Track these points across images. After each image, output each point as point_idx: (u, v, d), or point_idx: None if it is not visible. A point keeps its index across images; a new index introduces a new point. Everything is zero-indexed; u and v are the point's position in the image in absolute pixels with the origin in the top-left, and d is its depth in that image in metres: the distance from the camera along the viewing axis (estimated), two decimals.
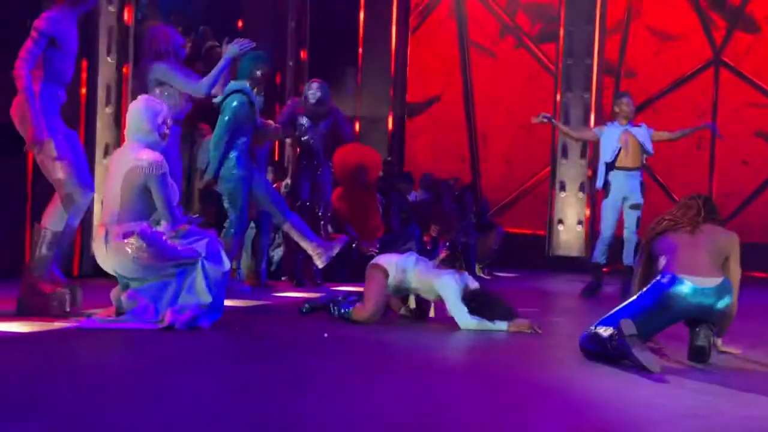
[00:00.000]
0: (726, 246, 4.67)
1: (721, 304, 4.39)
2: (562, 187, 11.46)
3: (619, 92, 8.56)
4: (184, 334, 4.59)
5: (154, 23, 7.78)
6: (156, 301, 4.70)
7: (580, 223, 11.09)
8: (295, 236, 6.60)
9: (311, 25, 10.46)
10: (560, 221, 11.33)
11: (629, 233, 7.94)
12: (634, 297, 4.52)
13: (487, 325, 5.10)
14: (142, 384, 3.43)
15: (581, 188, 11.30)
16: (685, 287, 4.33)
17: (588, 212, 11.21)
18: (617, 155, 7.80)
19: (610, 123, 8.19)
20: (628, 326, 4.05)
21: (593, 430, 3.01)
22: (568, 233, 10.82)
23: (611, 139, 7.97)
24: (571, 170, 11.33)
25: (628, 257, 7.85)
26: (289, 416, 2.94)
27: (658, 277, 4.44)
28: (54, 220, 5.03)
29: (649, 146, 7.90)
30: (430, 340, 5.15)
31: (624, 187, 7.86)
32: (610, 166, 7.64)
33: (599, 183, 8.13)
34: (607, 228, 7.72)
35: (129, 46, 7.45)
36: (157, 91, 5.94)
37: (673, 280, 4.35)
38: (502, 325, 5.13)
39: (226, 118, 6.37)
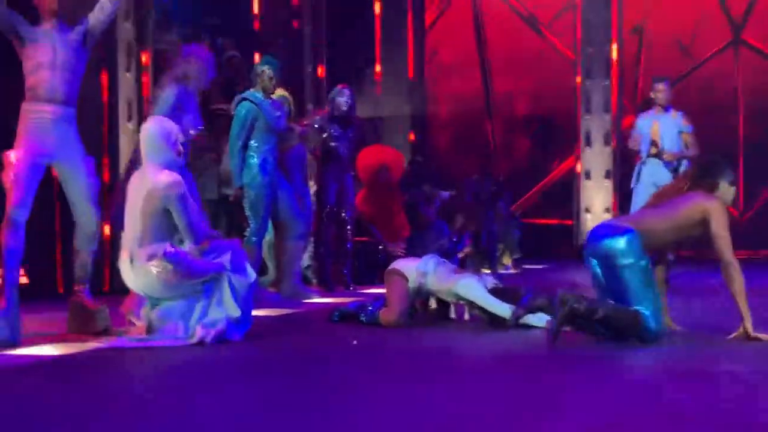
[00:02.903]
0: (692, 213, 4.37)
1: (623, 260, 4.18)
2: (588, 176, 11.33)
3: (655, 77, 8.04)
4: (215, 349, 4.50)
5: (171, 38, 7.78)
6: (185, 318, 4.62)
7: (607, 210, 10.98)
8: (286, 256, 6.45)
9: (327, 28, 10.44)
10: (587, 210, 11.19)
11: None
12: None
13: (529, 318, 4.90)
14: (175, 402, 3.33)
15: (607, 176, 11.27)
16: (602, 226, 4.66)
17: (614, 200, 11.07)
18: (650, 145, 7.42)
19: (643, 114, 7.73)
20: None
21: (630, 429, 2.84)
22: (596, 222, 10.66)
23: (644, 129, 7.59)
24: (597, 158, 11.27)
25: None
26: (320, 430, 2.84)
27: None
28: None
29: (675, 140, 7.27)
30: (458, 342, 5.04)
31: (655, 173, 7.34)
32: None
33: (633, 181, 7.68)
34: None
35: (148, 61, 7.56)
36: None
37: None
38: (541, 321, 4.81)
39: (234, 126, 6.50)
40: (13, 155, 4.79)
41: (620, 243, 4.28)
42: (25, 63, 4.90)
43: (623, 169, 9.58)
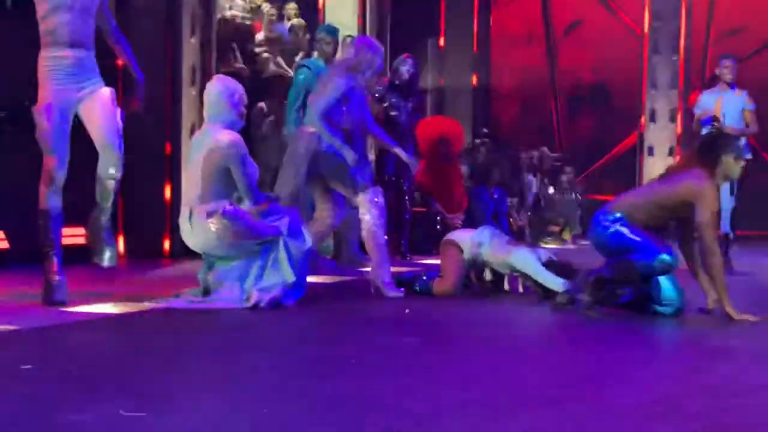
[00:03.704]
0: (681, 193, 4.41)
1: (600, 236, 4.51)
2: (651, 152, 11.13)
3: (722, 55, 7.84)
4: (269, 313, 4.58)
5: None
6: (241, 281, 4.70)
7: None
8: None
9: None
10: None
11: (723, 200, 7.24)
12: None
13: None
14: (225, 365, 3.40)
15: (670, 153, 11.22)
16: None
17: None
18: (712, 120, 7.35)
19: (708, 90, 7.60)
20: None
21: (670, 404, 2.77)
22: None
23: (708, 105, 7.48)
24: (661, 134, 11.23)
25: (724, 225, 7.33)
26: (367, 395, 2.85)
27: None
28: None
29: (737, 118, 7.10)
30: (510, 314, 5.09)
31: None
32: None
33: None
34: None
35: (212, 28, 7.61)
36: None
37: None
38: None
39: (291, 93, 6.58)
40: (42, 110, 4.58)
41: (607, 238, 4.51)
42: (39, 6, 4.67)
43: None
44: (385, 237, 5.59)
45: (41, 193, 4.60)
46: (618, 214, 4.56)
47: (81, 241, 5.86)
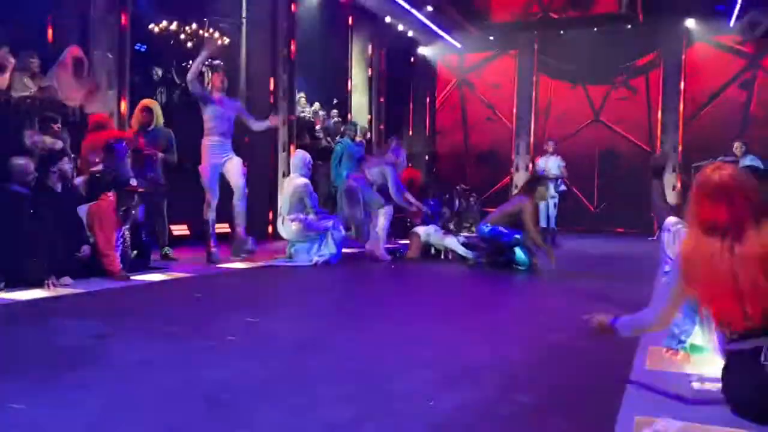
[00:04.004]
0: (514, 208, 6.97)
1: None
2: (516, 187, 14.69)
3: (547, 138, 13.04)
4: (324, 268, 6.89)
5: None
6: (308, 252, 7.17)
7: None
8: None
9: (387, 104, 14.22)
10: None
11: (549, 210, 10.85)
12: None
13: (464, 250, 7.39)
14: (298, 294, 5.41)
15: None
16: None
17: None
18: (544, 171, 10.74)
19: (542, 157, 11.45)
20: None
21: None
22: None
23: (541, 165, 11.21)
24: (521, 178, 13.77)
25: (551, 223, 10.81)
26: (370, 308, 5.12)
27: None
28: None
29: (556, 169, 11.14)
30: (442, 268, 7.26)
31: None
32: None
33: None
34: None
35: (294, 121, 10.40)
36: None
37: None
38: (469, 254, 7.42)
39: (334, 157, 9.13)
40: (202, 168, 6.84)
41: (487, 233, 7.02)
42: (204, 115, 6.80)
43: None
44: (388, 230, 7.98)
45: (204, 210, 6.87)
46: (489, 223, 7.02)
47: (227, 230, 8.02)
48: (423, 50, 15.75)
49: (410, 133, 15.53)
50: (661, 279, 3.19)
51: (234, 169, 6.86)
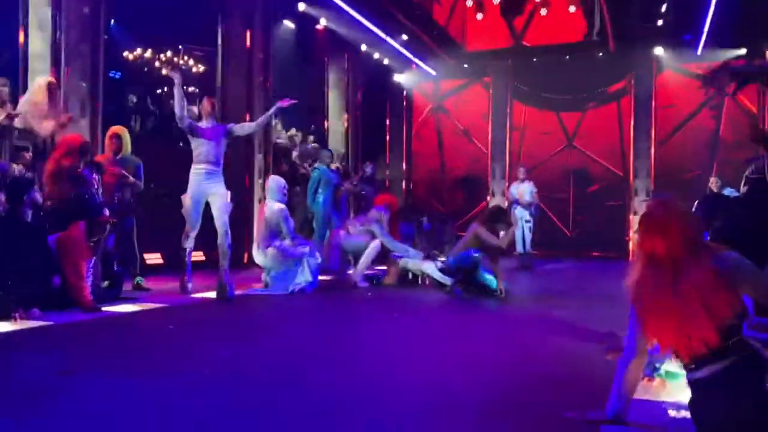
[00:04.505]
0: (472, 235, 7.20)
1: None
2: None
3: (520, 164, 12.91)
4: (300, 296, 6.87)
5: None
6: (285, 280, 7.12)
7: None
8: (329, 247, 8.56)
9: (363, 130, 14.51)
10: None
11: (524, 232, 11.23)
12: None
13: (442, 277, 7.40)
14: (274, 324, 5.43)
15: None
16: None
17: None
18: (517, 198, 11.42)
19: (514, 183, 11.79)
20: None
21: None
22: None
23: (514, 191, 11.51)
24: (496, 201, 14.60)
25: (527, 247, 11.26)
26: (347, 332, 5.28)
27: None
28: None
29: (529, 196, 11.69)
30: (420, 295, 7.33)
31: (520, 214, 11.19)
32: None
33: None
34: None
35: (270, 147, 10.50)
36: None
37: None
38: (447, 280, 7.30)
39: (311, 182, 9.18)
40: (187, 197, 6.62)
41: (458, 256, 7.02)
42: (192, 143, 6.61)
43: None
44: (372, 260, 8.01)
45: (182, 238, 6.69)
46: (452, 256, 7.13)
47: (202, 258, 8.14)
48: (398, 77, 15.95)
49: (387, 158, 15.80)
50: None
51: (219, 203, 6.63)
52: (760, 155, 5.29)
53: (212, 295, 6.57)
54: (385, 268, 8.41)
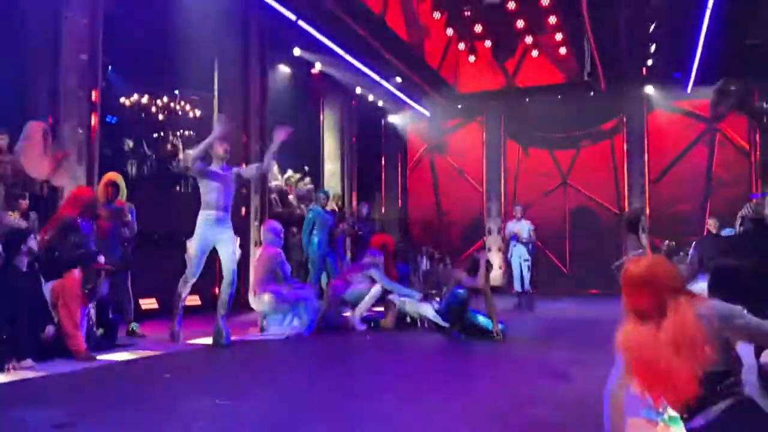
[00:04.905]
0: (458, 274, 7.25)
1: None
2: (489, 249, 15.20)
3: (516, 203, 12.89)
4: (297, 341, 6.81)
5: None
6: (281, 325, 7.09)
7: (500, 267, 12.54)
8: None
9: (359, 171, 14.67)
10: (488, 268, 15.20)
11: (523, 271, 11.28)
12: None
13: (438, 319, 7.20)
14: (270, 372, 5.25)
15: (499, 250, 12.93)
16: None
17: (504, 263, 15.06)
18: (517, 236, 11.35)
19: (510, 221, 11.57)
20: None
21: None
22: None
23: (512, 229, 11.59)
24: (494, 240, 14.11)
25: (526, 286, 11.14)
26: (346, 381, 5.07)
27: None
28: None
29: (527, 234, 11.46)
30: (417, 337, 7.32)
31: (519, 251, 11.25)
32: None
33: (509, 255, 11.08)
34: None
35: (266, 190, 10.51)
36: None
37: None
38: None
39: (306, 223, 9.14)
40: (192, 243, 6.45)
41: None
42: (202, 188, 6.45)
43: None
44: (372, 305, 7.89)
45: (180, 283, 6.51)
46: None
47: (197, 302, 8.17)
48: (393, 118, 16.13)
49: (382, 198, 15.89)
50: None
51: (227, 251, 6.49)
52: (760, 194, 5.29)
53: (208, 341, 6.51)
54: (382, 309, 8.35)
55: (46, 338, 5.28)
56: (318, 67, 12.23)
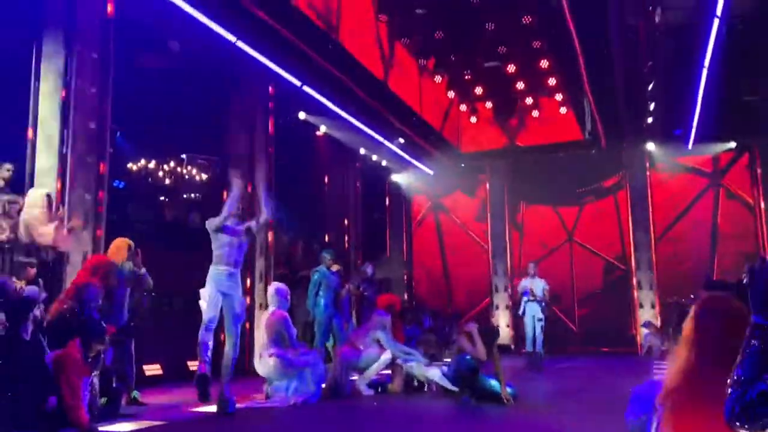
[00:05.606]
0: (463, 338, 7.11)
1: None
2: (497, 307, 14.48)
3: (529, 261, 12.41)
4: (303, 408, 6.64)
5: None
6: (287, 391, 6.91)
7: (507, 326, 12.37)
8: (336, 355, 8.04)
9: (363, 229, 14.63)
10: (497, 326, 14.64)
11: (536, 331, 10.91)
12: None
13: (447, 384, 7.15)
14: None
15: (506, 308, 12.80)
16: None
17: (511, 321, 14.66)
18: (530, 293, 11.00)
19: (524, 278, 11.42)
20: None
21: None
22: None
23: (525, 285, 11.10)
24: (501, 297, 14.73)
25: (539, 347, 10.79)
26: None
27: None
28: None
29: (541, 292, 11.23)
30: (426, 402, 7.16)
31: (533, 309, 10.84)
32: None
33: (521, 311, 10.89)
34: None
35: (271, 251, 10.51)
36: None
37: None
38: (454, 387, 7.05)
39: (311, 285, 9.07)
40: (205, 294, 6.54)
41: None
42: (214, 242, 6.46)
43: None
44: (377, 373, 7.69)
45: (201, 332, 6.41)
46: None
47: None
48: (397, 177, 16.26)
49: (388, 257, 15.90)
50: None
51: (234, 311, 6.59)
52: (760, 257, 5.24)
53: (212, 409, 6.37)
54: (389, 372, 8.18)
55: (48, 409, 5.15)
56: (323, 129, 12.41)
